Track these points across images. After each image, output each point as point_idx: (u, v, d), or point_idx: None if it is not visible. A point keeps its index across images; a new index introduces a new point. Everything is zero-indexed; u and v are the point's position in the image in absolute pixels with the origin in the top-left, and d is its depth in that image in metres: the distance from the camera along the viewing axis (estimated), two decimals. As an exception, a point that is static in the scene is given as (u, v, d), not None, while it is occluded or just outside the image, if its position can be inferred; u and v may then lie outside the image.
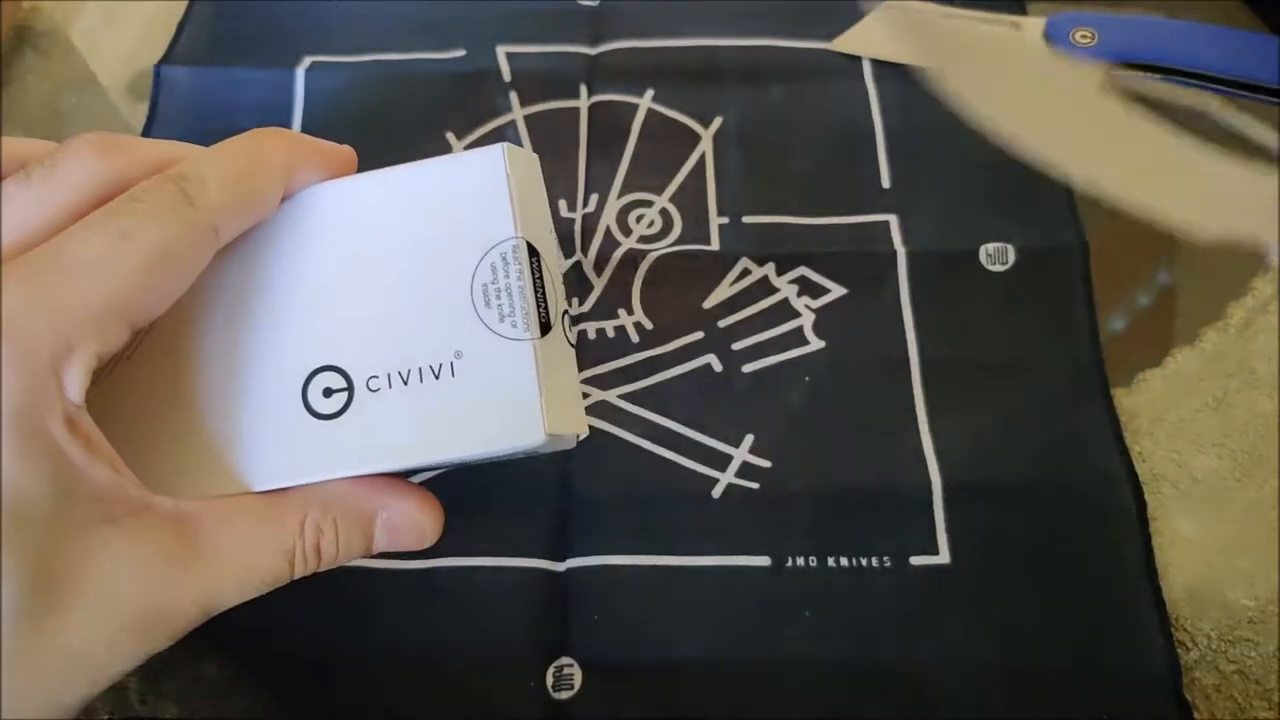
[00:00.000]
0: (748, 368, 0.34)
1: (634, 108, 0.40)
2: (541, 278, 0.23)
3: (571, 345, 0.24)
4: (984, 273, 0.36)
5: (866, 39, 0.42)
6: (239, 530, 0.21)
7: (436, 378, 0.22)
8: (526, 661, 0.29)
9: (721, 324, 0.35)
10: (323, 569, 0.23)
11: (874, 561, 0.30)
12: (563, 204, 0.38)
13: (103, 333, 0.19)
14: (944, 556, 0.30)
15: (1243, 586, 0.30)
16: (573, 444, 0.25)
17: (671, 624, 0.30)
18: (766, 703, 0.29)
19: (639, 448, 0.33)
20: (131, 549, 0.19)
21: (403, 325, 0.22)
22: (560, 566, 0.31)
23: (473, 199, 0.22)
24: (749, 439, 0.33)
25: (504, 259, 0.22)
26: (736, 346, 0.34)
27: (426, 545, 0.24)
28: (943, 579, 0.30)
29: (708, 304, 0.35)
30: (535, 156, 0.25)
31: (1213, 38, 0.40)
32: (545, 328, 0.22)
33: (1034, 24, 0.42)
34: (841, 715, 0.28)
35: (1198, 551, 0.31)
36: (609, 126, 0.39)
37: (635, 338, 0.35)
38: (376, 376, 0.22)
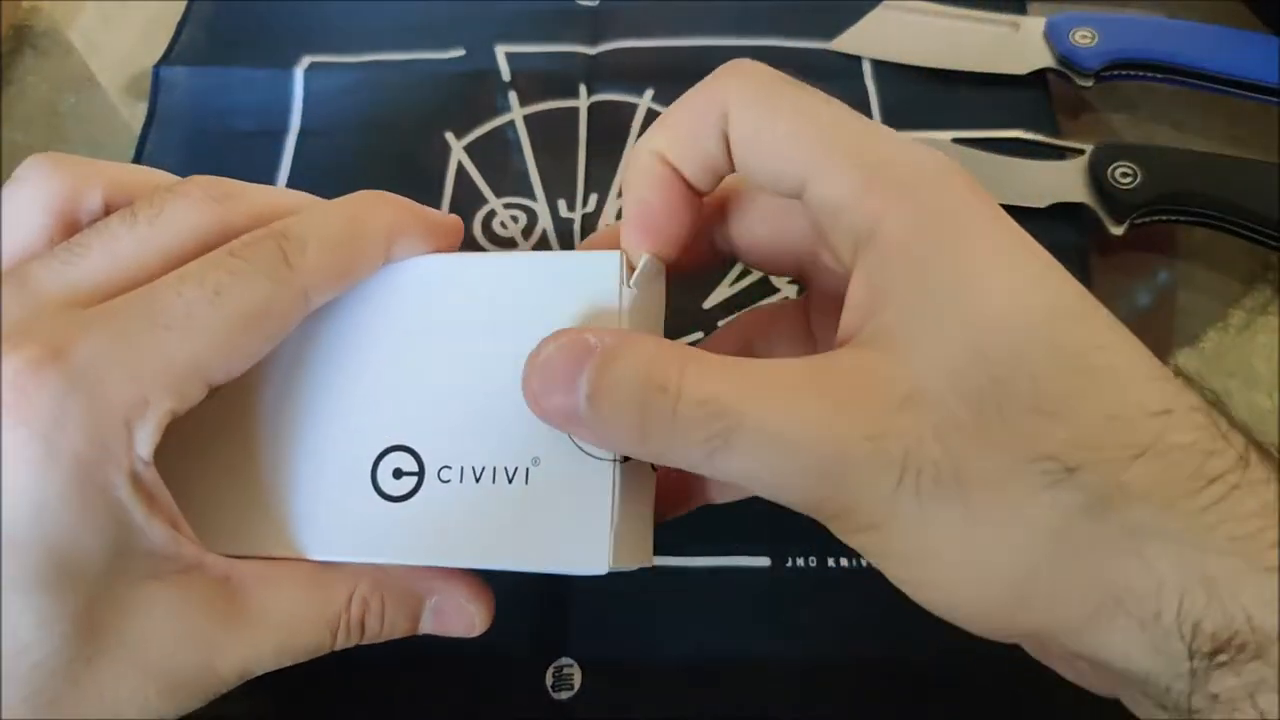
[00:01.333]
0: (748, 368, 0.34)
1: (634, 108, 0.40)
2: None
3: (654, 470, 0.23)
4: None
5: (866, 39, 0.42)
6: (286, 597, 0.21)
7: (510, 481, 0.20)
8: (526, 661, 0.29)
9: (721, 324, 0.35)
10: (364, 642, 0.22)
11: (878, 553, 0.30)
12: (562, 204, 0.38)
13: (181, 390, 0.19)
14: (944, 556, 0.30)
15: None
16: (649, 563, 0.24)
17: (671, 624, 0.30)
18: (766, 702, 0.29)
19: (639, 448, 0.33)
20: (177, 608, 0.19)
21: (485, 420, 0.21)
22: (560, 567, 0.31)
23: (581, 302, 0.21)
24: (749, 439, 0.33)
25: None
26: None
27: (474, 634, 0.23)
28: (943, 579, 0.30)
29: (707, 304, 0.35)
30: (662, 265, 0.22)
31: (1213, 38, 0.40)
32: None
33: (1034, 24, 0.42)
34: (841, 715, 0.28)
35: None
36: (609, 126, 0.39)
37: (635, 338, 0.35)
38: (449, 467, 0.21)
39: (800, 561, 0.30)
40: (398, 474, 0.21)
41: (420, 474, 0.21)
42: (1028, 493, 0.17)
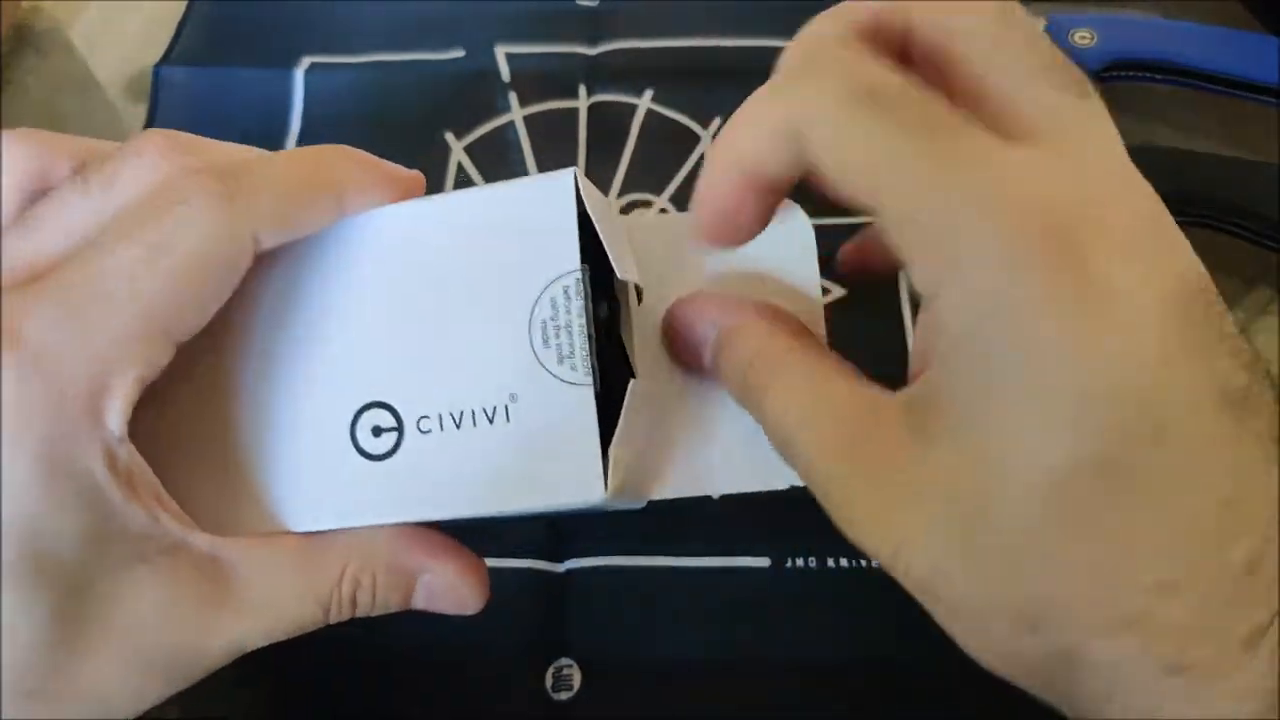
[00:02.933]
0: (747, 368, 0.34)
1: (633, 108, 0.40)
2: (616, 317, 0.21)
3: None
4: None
5: (866, 39, 0.42)
6: (275, 575, 0.20)
7: (491, 422, 0.20)
8: (526, 661, 0.29)
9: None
10: (357, 616, 0.22)
11: (874, 561, 0.30)
12: (562, 204, 0.38)
13: (145, 356, 0.18)
14: (944, 557, 0.30)
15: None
16: (642, 503, 0.23)
17: (671, 624, 0.30)
18: (766, 703, 0.29)
19: (639, 448, 0.33)
20: (163, 590, 0.19)
21: (457, 362, 0.20)
22: (559, 567, 0.31)
23: (538, 227, 0.20)
24: (749, 439, 0.33)
25: (566, 293, 0.20)
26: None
27: (467, 613, 0.23)
28: (943, 579, 0.30)
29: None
30: (605, 199, 0.23)
31: (1213, 38, 0.40)
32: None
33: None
34: (841, 715, 0.28)
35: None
36: (608, 127, 0.39)
37: (635, 338, 0.35)
38: (428, 417, 0.20)
39: (800, 561, 0.30)
40: (377, 431, 0.21)
41: (399, 429, 0.20)
42: (1001, 636, 0.18)
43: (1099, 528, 0.16)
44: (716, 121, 0.39)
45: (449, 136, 0.39)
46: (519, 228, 0.20)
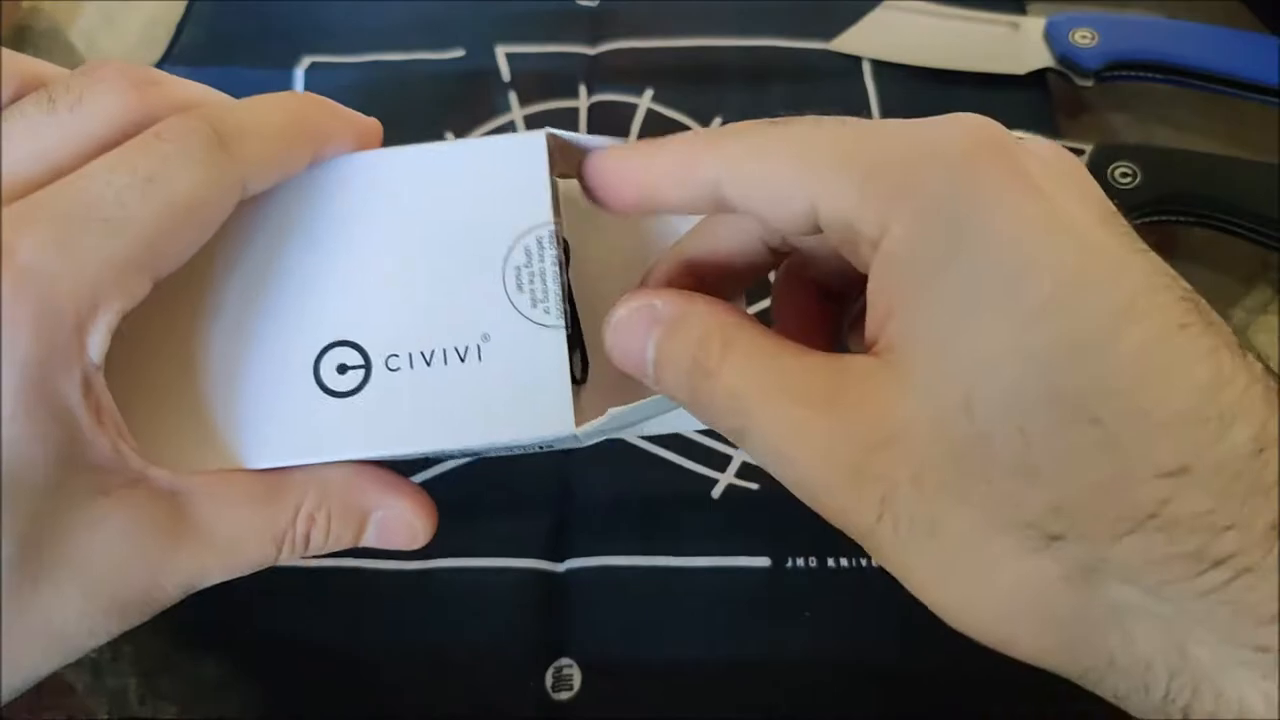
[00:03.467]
0: (747, 368, 0.34)
1: (633, 108, 0.40)
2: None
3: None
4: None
5: (866, 39, 0.42)
6: (232, 512, 0.20)
7: (462, 360, 0.21)
8: (526, 661, 0.29)
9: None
10: (309, 555, 0.22)
11: (874, 561, 0.30)
12: (562, 204, 0.38)
13: (129, 287, 0.18)
14: (944, 557, 0.30)
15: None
16: (597, 439, 0.23)
17: (671, 624, 0.30)
18: (766, 703, 0.29)
19: (639, 448, 0.33)
20: (123, 525, 0.19)
21: (428, 304, 0.21)
22: (560, 567, 0.31)
23: (511, 182, 0.21)
24: (749, 439, 0.33)
25: (539, 243, 0.21)
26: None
27: (416, 546, 0.23)
28: (943, 579, 0.30)
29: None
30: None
31: (1213, 38, 0.40)
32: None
33: (1034, 24, 0.42)
34: (841, 715, 0.28)
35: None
36: (609, 127, 0.39)
37: (635, 338, 0.35)
38: (396, 355, 0.21)
39: (800, 561, 0.30)
40: (342, 369, 0.21)
41: (367, 366, 0.21)
42: (1005, 556, 0.16)
43: (1091, 413, 0.15)
44: (717, 121, 0.39)
45: (449, 136, 0.39)
46: (492, 181, 0.21)
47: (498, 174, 0.21)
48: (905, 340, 0.17)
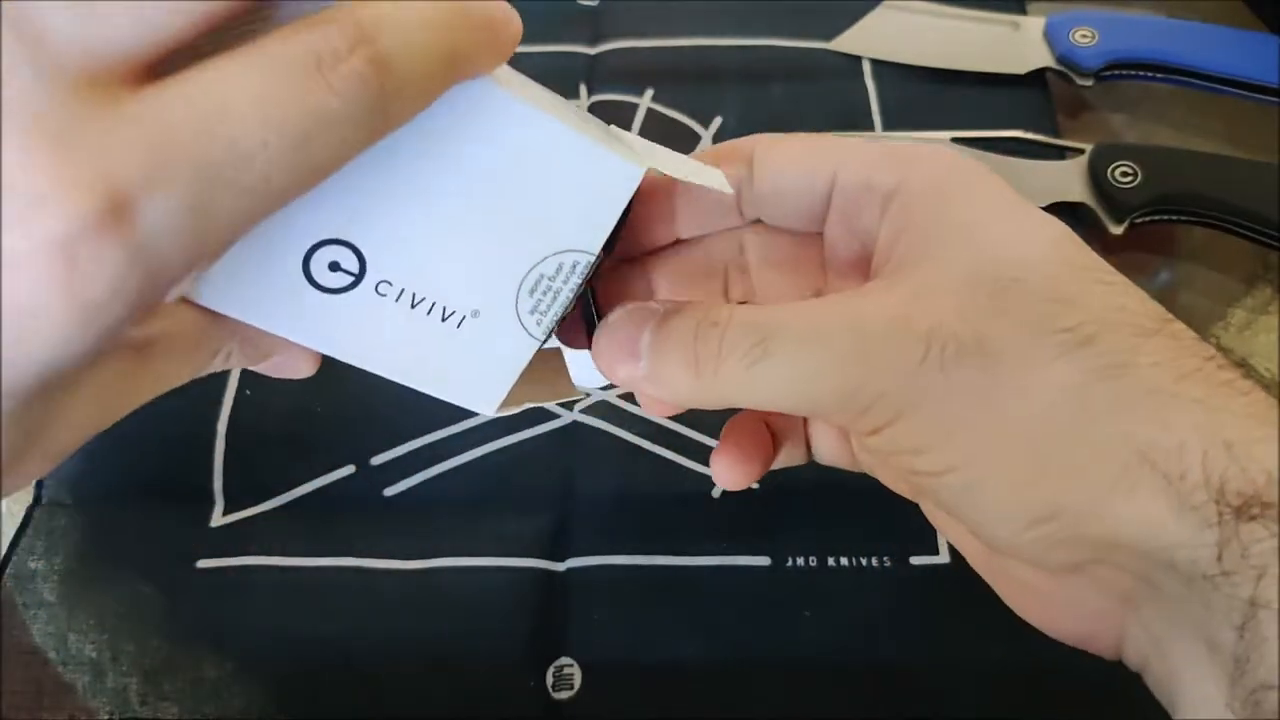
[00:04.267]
0: (748, 368, 0.34)
1: (634, 108, 0.40)
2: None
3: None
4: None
5: (866, 39, 0.42)
6: (173, 354, 0.21)
7: (443, 321, 0.21)
8: (526, 661, 0.29)
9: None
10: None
11: (874, 561, 0.30)
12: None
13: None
14: (944, 556, 0.30)
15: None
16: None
17: (671, 624, 0.30)
18: (766, 703, 0.29)
19: (639, 448, 0.33)
20: (95, 388, 0.19)
21: (447, 258, 0.21)
22: (560, 566, 0.31)
23: (588, 198, 0.21)
24: (749, 439, 0.33)
25: (573, 267, 0.21)
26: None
27: (299, 378, 0.23)
28: (943, 579, 0.30)
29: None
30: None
31: (1213, 38, 0.40)
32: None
33: (1034, 24, 0.42)
34: (841, 715, 0.28)
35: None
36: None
37: (635, 338, 0.35)
38: (390, 284, 0.21)
39: (800, 561, 0.30)
40: (334, 267, 0.21)
41: (358, 278, 0.21)
42: (1047, 358, 0.18)
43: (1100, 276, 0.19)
44: (717, 121, 0.39)
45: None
46: (573, 185, 0.21)
47: (583, 183, 0.21)
48: (928, 243, 0.20)
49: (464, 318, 0.21)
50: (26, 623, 0.30)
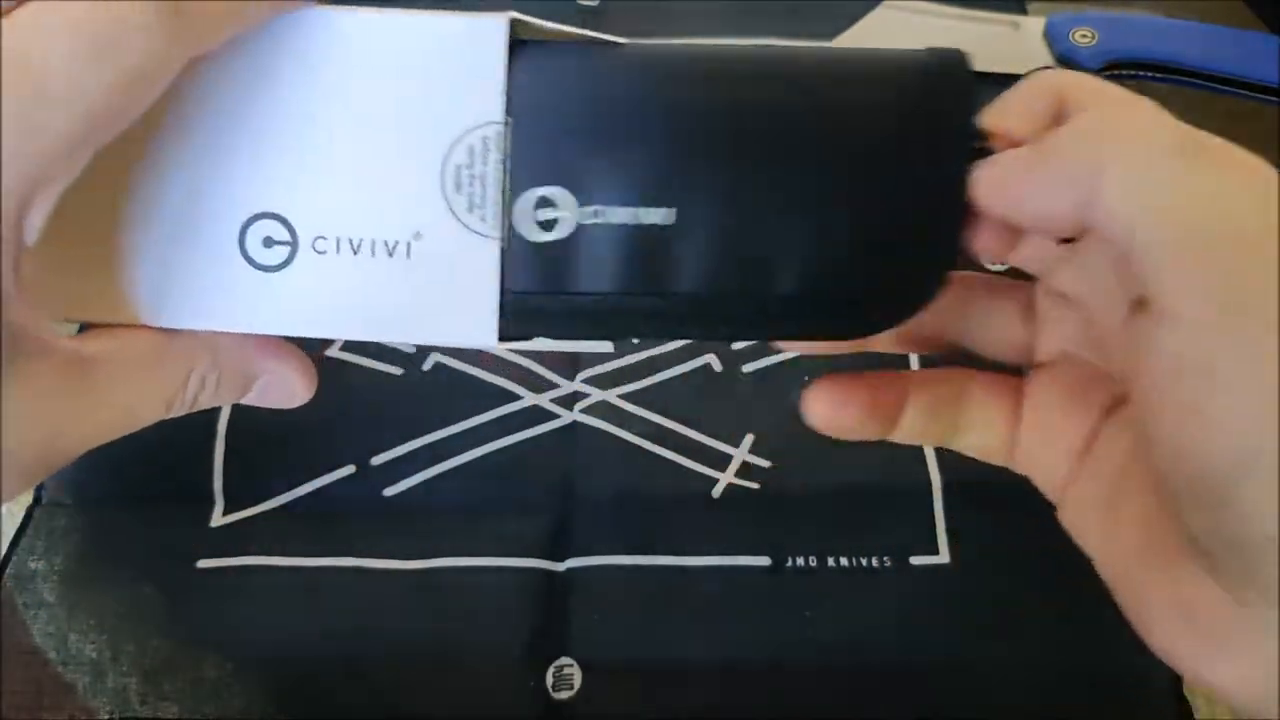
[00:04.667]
0: (748, 367, 0.34)
1: (634, 108, 0.40)
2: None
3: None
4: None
5: (866, 39, 0.42)
6: (130, 377, 0.20)
7: (390, 255, 0.20)
8: (526, 661, 0.29)
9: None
10: (192, 411, 0.22)
11: (874, 561, 0.30)
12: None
13: (73, 164, 0.17)
14: (944, 556, 0.30)
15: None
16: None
17: (671, 624, 0.30)
18: (767, 703, 0.29)
19: (639, 448, 0.33)
20: (28, 394, 0.18)
21: (362, 190, 0.20)
22: (560, 567, 0.31)
23: (463, 70, 0.20)
24: (749, 439, 0.33)
25: (484, 143, 0.20)
26: (737, 346, 0.34)
27: (293, 406, 0.23)
28: (943, 579, 0.30)
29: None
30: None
31: (1213, 38, 0.40)
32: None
33: (1034, 24, 0.42)
34: (841, 715, 0.28)
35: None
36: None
37: (635, 338, 0.35)
38: (324, 238, 0.20)
39: (800, 561, 0.30)
40: (268, 243, 0.20)
41: (293, 244, 0.20)
42: None
43: None
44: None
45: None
46: (444, 65, 0.20)
47: (451, 58, 0.20)
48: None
49: (409, 244, 0.20)
50: (26, 623, 0.30)
